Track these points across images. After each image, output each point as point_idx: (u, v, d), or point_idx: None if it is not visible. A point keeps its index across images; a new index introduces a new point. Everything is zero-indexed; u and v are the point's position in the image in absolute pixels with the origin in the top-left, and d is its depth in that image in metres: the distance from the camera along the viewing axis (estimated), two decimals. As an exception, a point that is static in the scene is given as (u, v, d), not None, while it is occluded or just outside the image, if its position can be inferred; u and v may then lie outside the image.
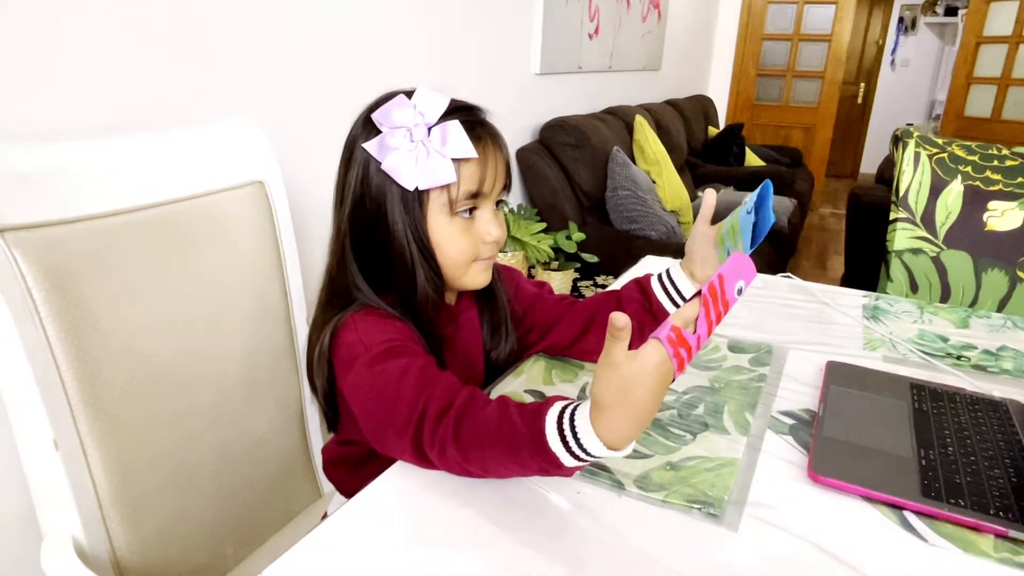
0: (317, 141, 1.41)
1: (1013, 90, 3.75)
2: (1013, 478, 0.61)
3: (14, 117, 0.88)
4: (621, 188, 2.39)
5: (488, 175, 0.66)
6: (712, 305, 0.51)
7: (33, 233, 0.65)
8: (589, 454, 0.51)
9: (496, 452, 0.54)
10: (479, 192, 0.66)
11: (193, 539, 0.79)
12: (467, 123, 0.65)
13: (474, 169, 0.65)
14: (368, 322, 0.65)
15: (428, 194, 0.65)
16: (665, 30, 3.65)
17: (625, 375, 0.48)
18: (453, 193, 0.65)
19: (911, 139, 1.44)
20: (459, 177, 0.64)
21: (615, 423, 0.49)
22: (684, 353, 0.50)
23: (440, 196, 0.65)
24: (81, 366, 0.67)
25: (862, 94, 6.29)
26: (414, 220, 0.65)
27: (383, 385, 0.60)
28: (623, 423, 0.49)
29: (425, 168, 0.63)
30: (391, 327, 0.65)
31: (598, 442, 0.50)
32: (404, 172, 0.63)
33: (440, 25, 1.80)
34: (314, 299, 0.74)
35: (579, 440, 0.51)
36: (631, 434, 0.50)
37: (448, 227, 0.66)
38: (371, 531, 0.55)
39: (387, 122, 0.64)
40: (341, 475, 0.79)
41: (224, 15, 1.16)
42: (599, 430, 0.50)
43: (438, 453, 0.56)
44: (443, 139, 0.63)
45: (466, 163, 0.64)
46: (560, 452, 0.51)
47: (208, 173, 0.85)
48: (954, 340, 0.96)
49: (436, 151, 0.63)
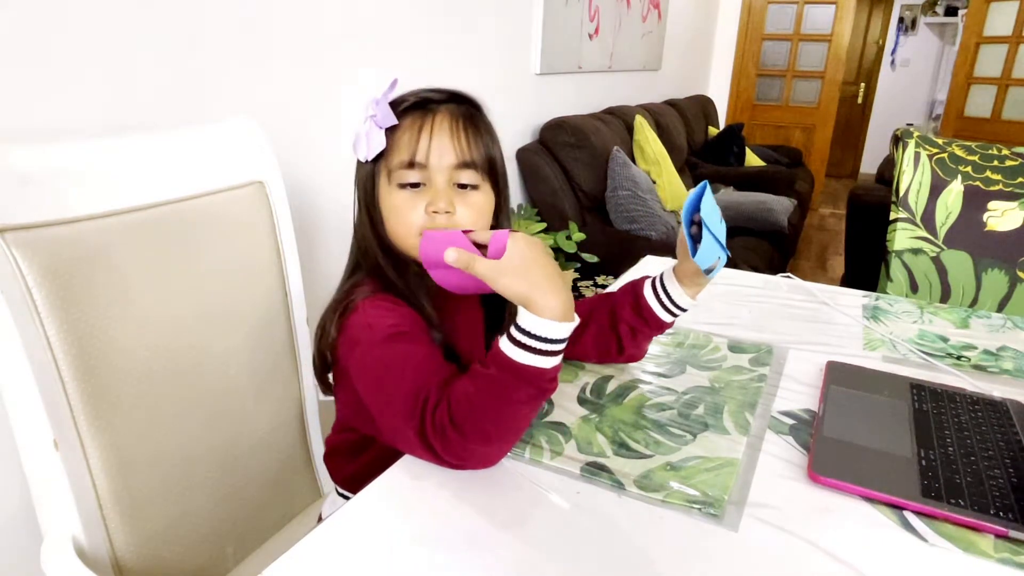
0: (317, 141, 1.41)
1: (1013, 90, 3.75)
2: (1013, 478, 0.61)
3: (14, 117, 0.88)
4: (621, 188, 2.39)
5: (422, 145, 0.67)
6: None
7: (33, 233, 0.65)
8: (556, 340, 0.56)
9: (487, 408, 0.56)
10: (413, 162, 0.67)
11: (193, 539, 0.79)
12: (419, 100, 0.69)
13: (408, 140, 0.67)
14: (376, 307, 0.66)
15: (378, 167, 0.69)
16: (665, 30, 3.65)
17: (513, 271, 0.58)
18: (391, 162, 0.68)
19: (911, 139, 1.44)
20: (394, 147, 0.68)
21: (550, 301, 0.56)
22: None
23: (384, 167, 0.69)
24: (81, 366, 0.67)
25: (862, 94, 6.29)
26: (366, 192, 0.71)
27: (386, 369, 0.62)
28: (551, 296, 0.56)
29: (367, 139, 0.68)
30: (398, 313, 0.66)
31: (552, 323, 0.55)
32: (357, 146, 0.70)
33: (440, 25, 1.80)
34: (314, 299, 0.75)
35: (541, 336, 0.56)
36: (566, 300, 0.57)
37: (390, 197, 0.69)
38: (371, 531, 0.55)
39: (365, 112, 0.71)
40: (339, 463, 0.80)
41: (224, 15, 1.16)
42: (545, 314, 0.56)
43: (440, 441, 0.57)
44: (378, 113, 0.68)
45: (402, 134, 0.68)
46: (535, 360, 0.56)
47: (208, 173, 0.85)
48: (954, 340, 0.96)
49: (376, 124, 0.68)
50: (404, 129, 0.67)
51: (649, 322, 0.77)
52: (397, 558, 0.52)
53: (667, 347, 0.90)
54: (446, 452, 0.58)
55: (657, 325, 0.77)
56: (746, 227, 2.67)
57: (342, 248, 0.77)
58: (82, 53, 0.95)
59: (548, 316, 0.55)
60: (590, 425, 0.70)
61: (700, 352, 0.89)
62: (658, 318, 0.76)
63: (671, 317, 0.76)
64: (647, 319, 0.77)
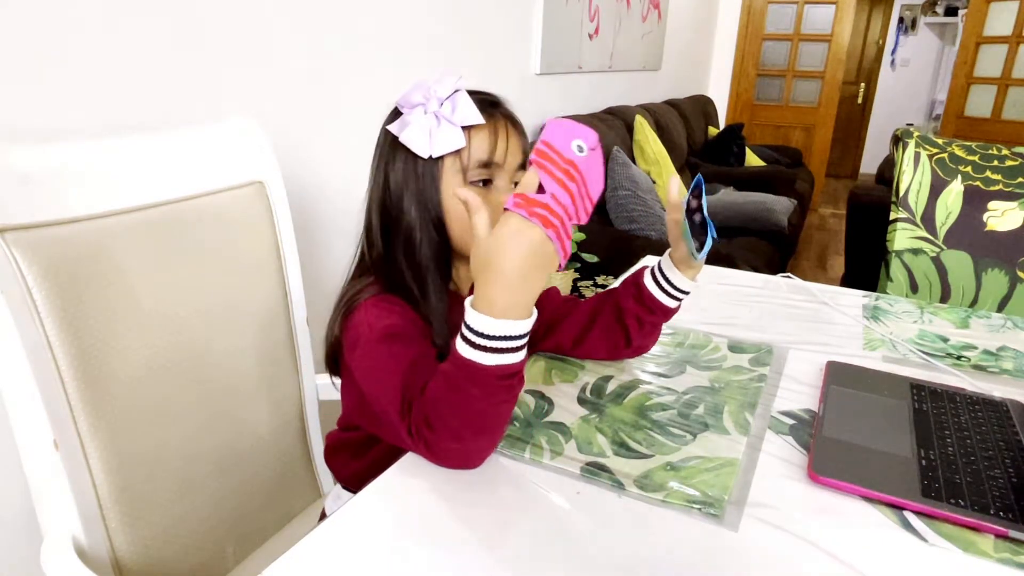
0: (317, 141, 1.42)
1: (1013, 90, 3.75)
2: (1013, 478, 0.61)
3: (14, 117, 0.88)
4: (621, 188, 2.39)
5: (500, 146, 0.68)
6: (553, 166, 0.53)
7: (33, 233, 0.65)
8: (487, 336, 0.53)
9: (448, 403, 0.56)
10: (491, 161, 0.68)
11: (193, 539, 0.79)
12: (479, 100, 0.69)
13: (485, 138, 0.68)
14: (379, 307, 0.67)
15: (442, 163, 0.68)
16: (665, 30, 3.65)
17: (484, 247, 0.54)
18: (465, 159, 0.67)
19: (911, 139, 1.44)
20: (470, 145, 0.67)
21: (489, 293, 0.53)
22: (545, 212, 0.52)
23: (454, 164, 0.68)
24: (81, 366, 0.67)
25: (862, 94, 6.29)
26: (424, 189, 0.68)
27: (377, 369, 0.63)
28: (496, 288, 0.53)
29: (437, 136, 0.67)
30: (399, 313, 0.67)
31: (483, 317, 0.53)
32: (418, 142, 0.67)
33: (440, 25, 1.80)
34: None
35: (474, 329, 0.53)
36: (511, 298, 0.53)
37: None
38: (371, 531, 0.55)
39: (406, 103, 0.69)
40: (342, 460, 0.80)
41: (224, 15, 1.16)
42: (479, 306, 0.53)
43: (423, 441, 0.58)
44: (453, 108, 0.67)
45: (477, 133, 0.67)
46: (474, 355, 0.54)
47: (208, 173, 0.85)
48: (954, 340, 0.96)
49: (447, 120, 0.67)
50: (478, 128, 0.67)
51: (654, 309, 0.77)
52: (397, 557, 0.52)
53: (667, 347, 0.90)
54: (428, 451, 0.59)
55: (662, 311, 0.77)
56: (746, 227, 2.67)
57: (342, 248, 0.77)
58: (82, 53, 0.95)
59: (484, 307, 0.53)
60: (590, 425, 0.70)
61: (700, 352, 0.89)
62: (662, 304, 0.77)
63: (675, 302, 0.77)
64: (651, 307, 0.77)
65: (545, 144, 0.54)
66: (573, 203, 0.54)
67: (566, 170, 0.54)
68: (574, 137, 0.55)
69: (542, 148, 0.54)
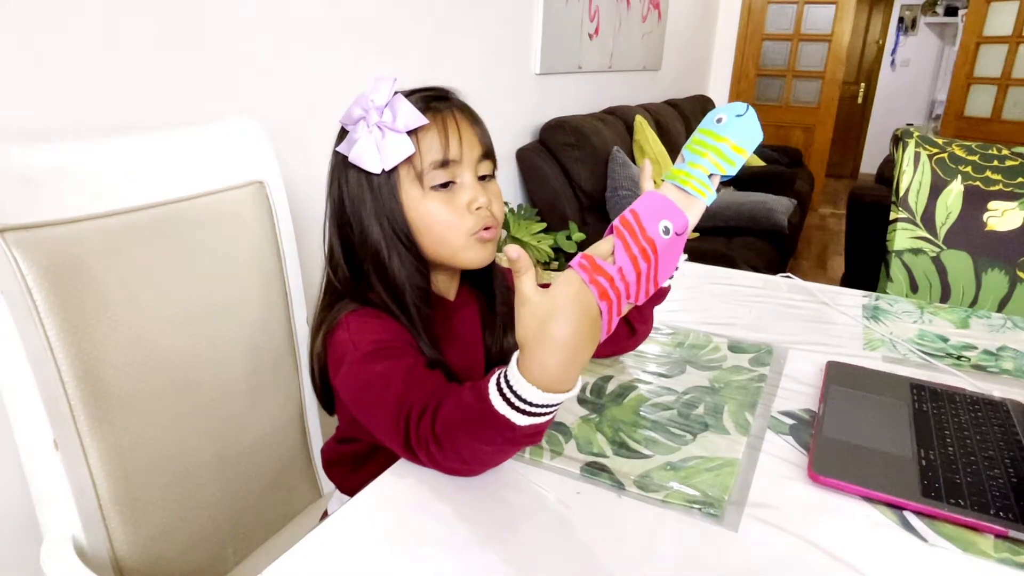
0: (317, 141, 1.41)
1: (1013, 90, 3.75)
2: (1013, 478, 0.61)
3: (14, 117, 0.88)
4: (621, 188, 2.39)
5: (452, 141, 0.65)
6: (632, 239, 0.51)
7: (33, 233, 0.65)
8: (532, 404, 0.49)
9: (462, 437, 0.54)
10: (446, 159, 0.65)
11: (193, 539, 0.79)
12: (421, 98, 0.66)
13: (435, 137, 0.65)
14: (360, 322, 0.65)
15: (397, 174, 0.66)
16: (665, 30, 3.65)
17: (538, 310, 0.48)
18: (418, 165, 0.65)
19: (911, 139, 1.44)
20: (420, 148, 0.65)
21: (543, 361, 0.48)
22: (606, 283, 0.49)
23: (408, 173, 0.66)
24: (81, 366, 0.67)
25: (862, 94, 6.29)
26: (384, 205, 0.66)
27: (369, 386, 0.61)
28: (551, 360, 0.48)
29: (384, 148, 0.64)
30: (382, 327, 0.65)
31: (532, 388, 0.48)
32: (367, 158, 0.64)
33: (440, 25, 1.80)
34: (314, 299, 0.75)
35: (517, 393, 0.49)
36: (565, 371, 0.49)
37: (424, 202, 0.66)
38: (371, 531, 0.55)
39: (348, 120, 0.67)
40: (341, 473, 0.80)
41: (224, 14, 1.16)
42: (529, 374, 0.49)
43: (425, 453, 0.57)
44: (394, 115, 0.64)
45: (425, 134, 0.65)
46: (507, 412, 0.50)
47: (208, 173, 0.85)
48: (954, 340, 0.96)
49: (390, 129, 0.64)
50: (425, 129, 0.65)
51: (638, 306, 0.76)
52: (397, 558, 0.52)
53: (667, 347, 0.90)
54: (430, 462, 0.58)
55: (658, 292, 0.76)
56: (746, 227, 2.67)
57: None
58: (82, 53, 0.95)
59: (536, 378, 0.49)
60: (590, 425, 0.70)
61: (700, 352, 0.89)
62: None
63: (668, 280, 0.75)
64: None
65: (632, 214, 0.52)
66: (637, 283, 0.51)
67: (643, 248, 0.51)
68: (664, 217, 0.53)
69: (628, 217, 0.51)
